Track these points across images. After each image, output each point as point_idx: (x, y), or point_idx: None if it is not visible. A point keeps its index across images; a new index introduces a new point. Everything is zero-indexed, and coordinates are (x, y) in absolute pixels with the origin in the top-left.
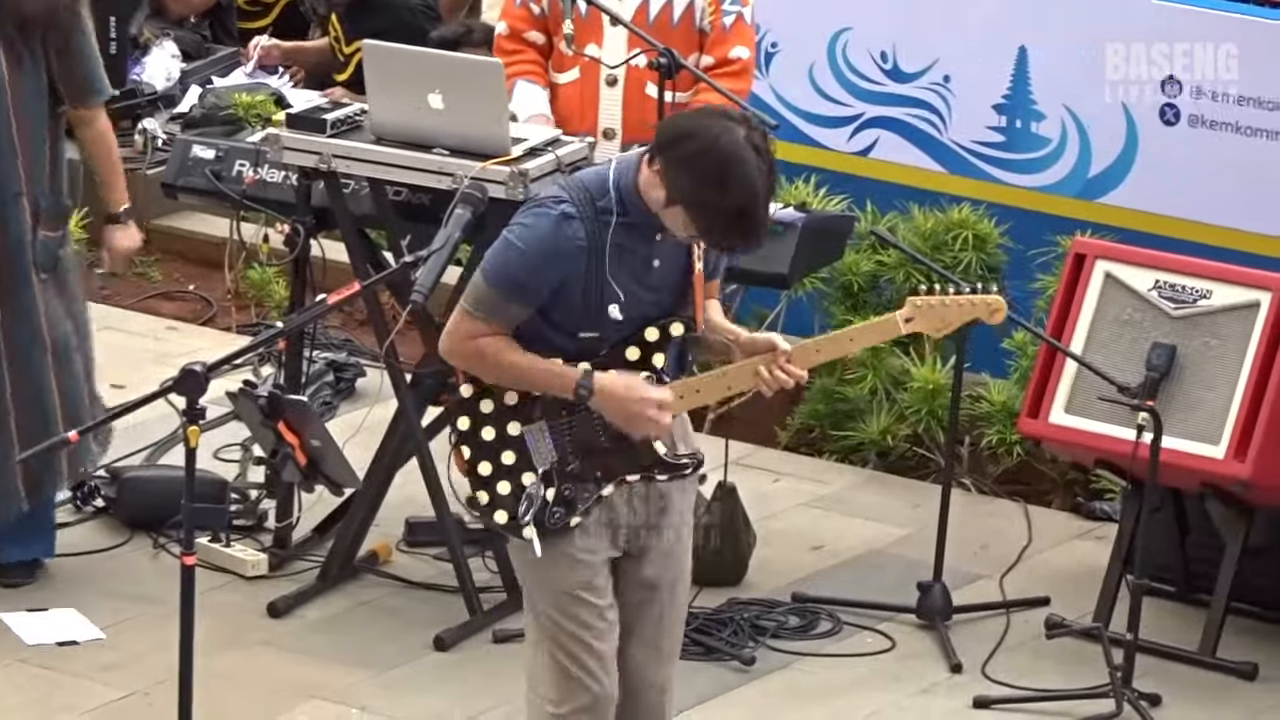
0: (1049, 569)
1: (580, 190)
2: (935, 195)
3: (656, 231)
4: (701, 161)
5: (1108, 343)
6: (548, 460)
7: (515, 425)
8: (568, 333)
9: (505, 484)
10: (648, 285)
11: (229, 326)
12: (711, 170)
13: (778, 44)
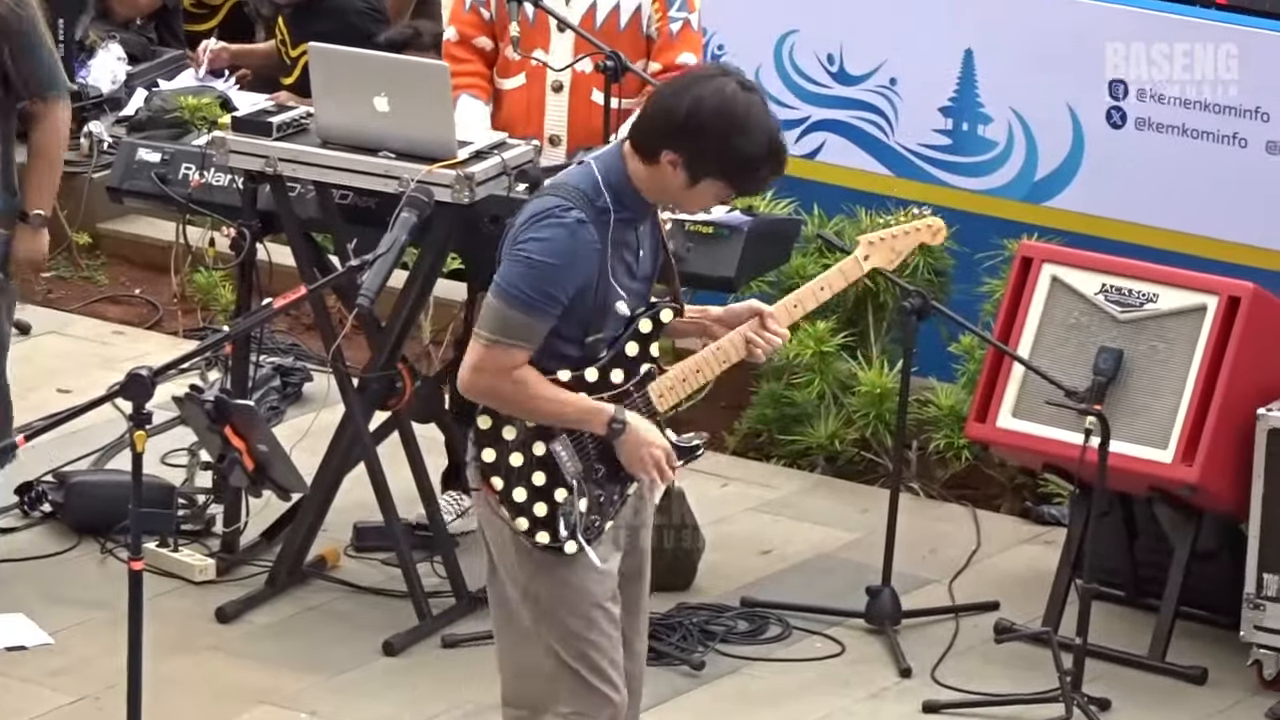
0: (998, 573)
1: (578, 194)
2: (882, 198)
3: (640, 222)
4: (718, 123)
5: (1055, 346)
6: (575, 472)
7: (540, 445)
8: (575, 340)
9: (542, 505)
10: (637, 277)
11: (175, 331)
12: (732, 125)
13: (724, 47)
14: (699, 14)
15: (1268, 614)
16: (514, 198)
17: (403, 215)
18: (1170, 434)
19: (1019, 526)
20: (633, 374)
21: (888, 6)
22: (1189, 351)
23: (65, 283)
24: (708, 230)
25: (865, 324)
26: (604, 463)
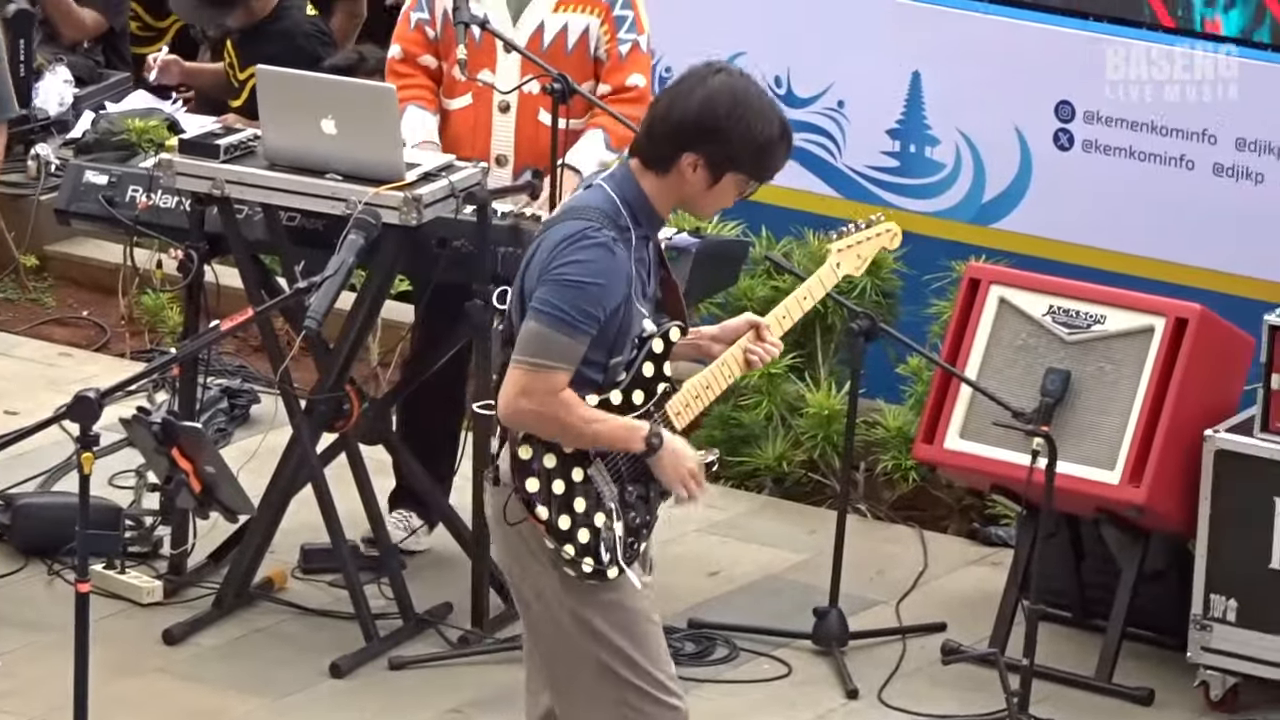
0: (945, 594)
1: (601, 214)
2: (830, 220)
3: (653, 239)
4: (737, 113)
5: (1002, 368)
6: (612, 496)
7: (578, 470)
8: (600, 364)
9: (585, 531)
10: (648, 296)
11: (123, 353)
12: (748, 111)
13: (672, 69)
14: (648, 36)
15: (1215, 635)
16: (461, 220)
17: (350, 237)
18: (1117, 455)
19: (966, 548)
20: (651, 394)
21: (835, 29)
22: (1136, 373)
23: (12, 305)
24: None
25: (813, 346)
26: (636, 484)
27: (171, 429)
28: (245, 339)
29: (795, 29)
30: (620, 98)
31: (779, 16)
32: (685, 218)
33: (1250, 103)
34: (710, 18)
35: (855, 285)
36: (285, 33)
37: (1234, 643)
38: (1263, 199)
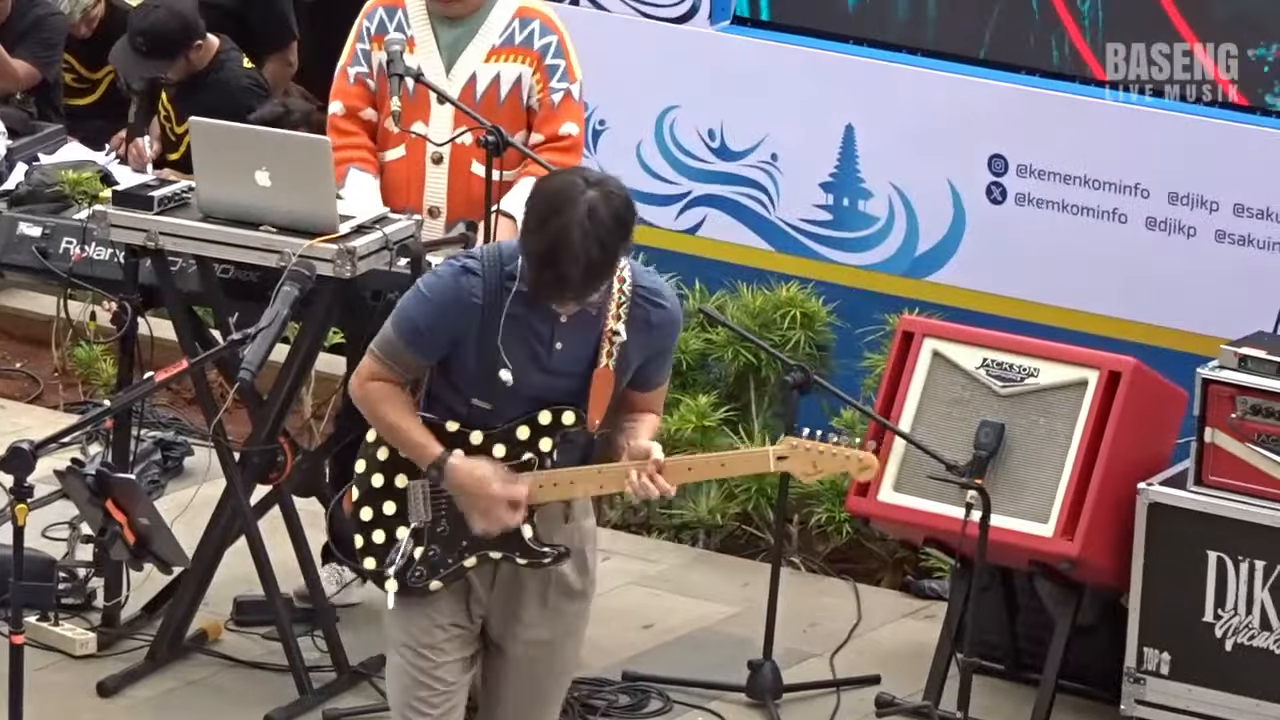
0: (879, 647)
1: (493, 252)
2: (764, 273)
3: (559, 313)
4: (532, 203)
5: (936, 421)
6: (422, 518)
7: (402, 478)
8: (464, 397)
9: (380, 533)
10: (546, 367)
11: (56, 405)
12: (535, 212)
13: (605, 122)
14: (580, 84)
15: (1148, 688)
16: (395, 272)
17: (284, 289)
18: (1051, 508)
19: (900, 600)
20: (513, 455)
21: (768, 82)
22: (1070, 426)
23: None
24: None
25: (747, 398)
26: (451, 524)
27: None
28: (179, 391)
29: (729, 82)
30: (554, 146)
31: (712, 70)
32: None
33: (1183, 156)
34: (644, 71)
35: (788, 339)
36: (221, 84)
37: (1167, 695)
38: (1195, 253)
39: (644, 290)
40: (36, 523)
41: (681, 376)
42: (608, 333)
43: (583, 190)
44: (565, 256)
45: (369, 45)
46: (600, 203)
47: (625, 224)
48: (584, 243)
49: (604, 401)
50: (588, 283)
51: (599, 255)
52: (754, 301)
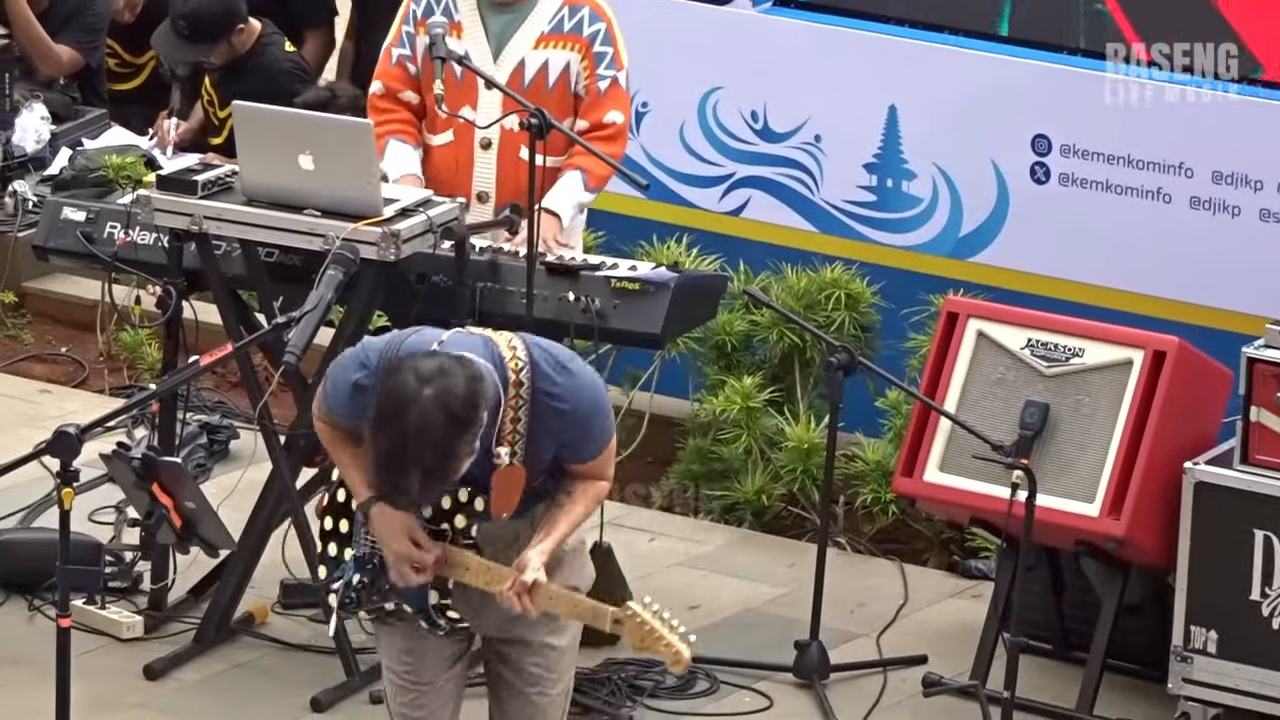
0: (925, 627)
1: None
2: (808, 255)
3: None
4: (376, 403)
5: (981, 401)
6: (362, 548)
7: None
8: None
9: (334, 545)
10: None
11: (102, 389)
12: (376, 414)
13: (648, 104)
14: (627, 72)
15: (1195, 666)
16: (439, 255)
17: (328, 273)
18: (1097, 488)
19: (946, 580)
20: (435, 522)
21: (811, 63)
22: (1115, 406)
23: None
24: (634, 287)
25: (792, 380)
26: (379, 564)
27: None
28: (224, 374)
29: (772, 64)
30: (598, 134)
31: (756, 52)
32: (664, 251)
33: (1226, 136)
34: (688, 54)
35: (833, 320)
36: (264, 69)
37: (1214, 674)
38: (1239, 232)
39: (544, 395)
40: (83, 507)
41: (727, 358)
42: (505, 437)
43: (415, 394)
44: (397, 467)
45: (413, 28)
46: (433, 406)
47: (465, 422)
48: (416, 453)
49: (510, 494)
50: (426, 489)
51: (433, 462)
52: (798, 283)
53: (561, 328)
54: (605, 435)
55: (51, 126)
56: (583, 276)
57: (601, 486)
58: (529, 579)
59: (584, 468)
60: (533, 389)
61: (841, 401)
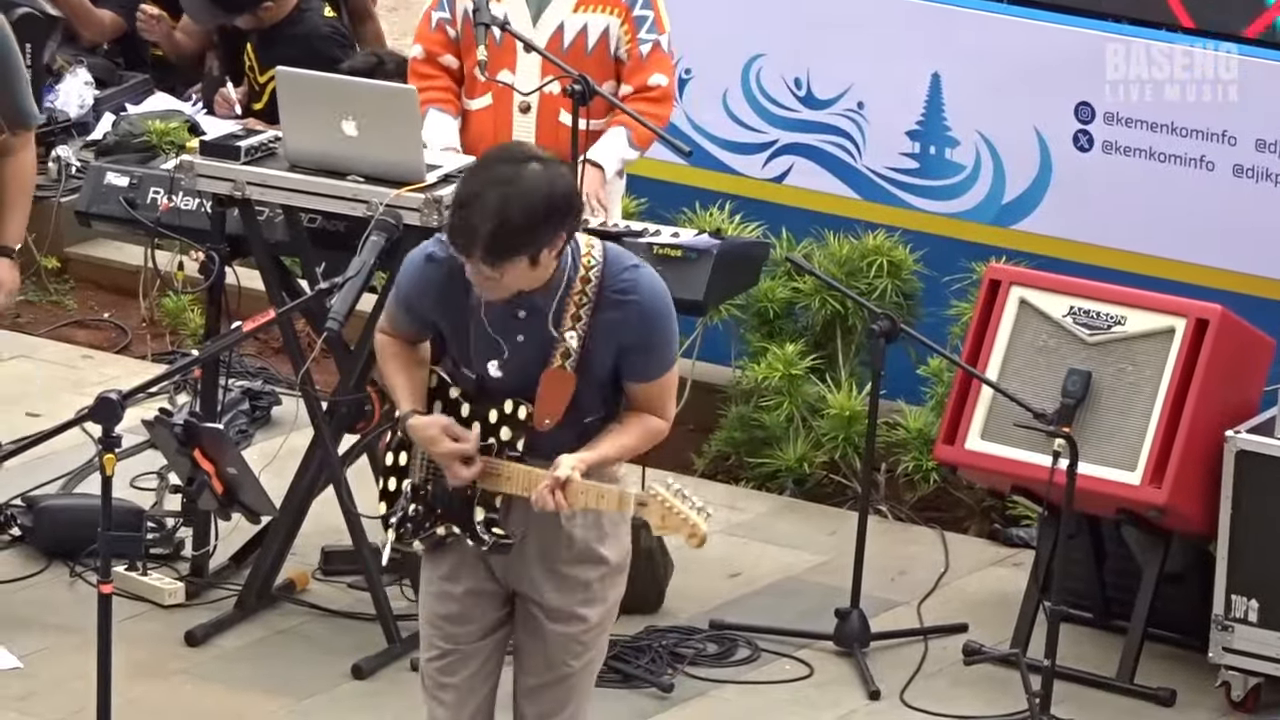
0: (966, 595)
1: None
2: (850, 222)
3: (516, 308)
4: (483, 152)
5: (1023, 369)
6: (417, 476)
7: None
8: (456, 364)
9: (394, 480)
10: (509, 358)
11: (144, 354)
12: (479, 160)
13: (692, 70)
14: (669, 35)
15: (1236, 635)
16: None
17: (371, 239)
18: (1139, 456)
19: (987, 549)
20: (484, 437)
21: (855, 30)
22: (1157, 374)
23: (33, 307)
24: (676, 254)
25: (834, 347)
26: (434, 489)
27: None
28: (266, 341)
29: (815, 30)
30: (643, 97)
31: (799, 18)
32: (707, 218)
33: (1270, 103)
34: (730, 20)
35: (875, 287)
36: (303, 36)
37: (1255, 643)
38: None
39: (613, 289)
40: (124, 473)
41: (769, 325)
42: (562, 334)
43: (528, 160)
44: (479, 208)
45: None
46: (539, 177)
47: (557, 210)
48: (501, 203)
49: (556, 401)
50: (495, 247)
51: (516, 223)
52: (841, 250)
53: None
54: (667, 352)
55: (95, 91)
56: (625, 243)
57: (656, 423)
58: (562, 475)
59: (641, 390)
60: (600, 286)
61: (883, 369)
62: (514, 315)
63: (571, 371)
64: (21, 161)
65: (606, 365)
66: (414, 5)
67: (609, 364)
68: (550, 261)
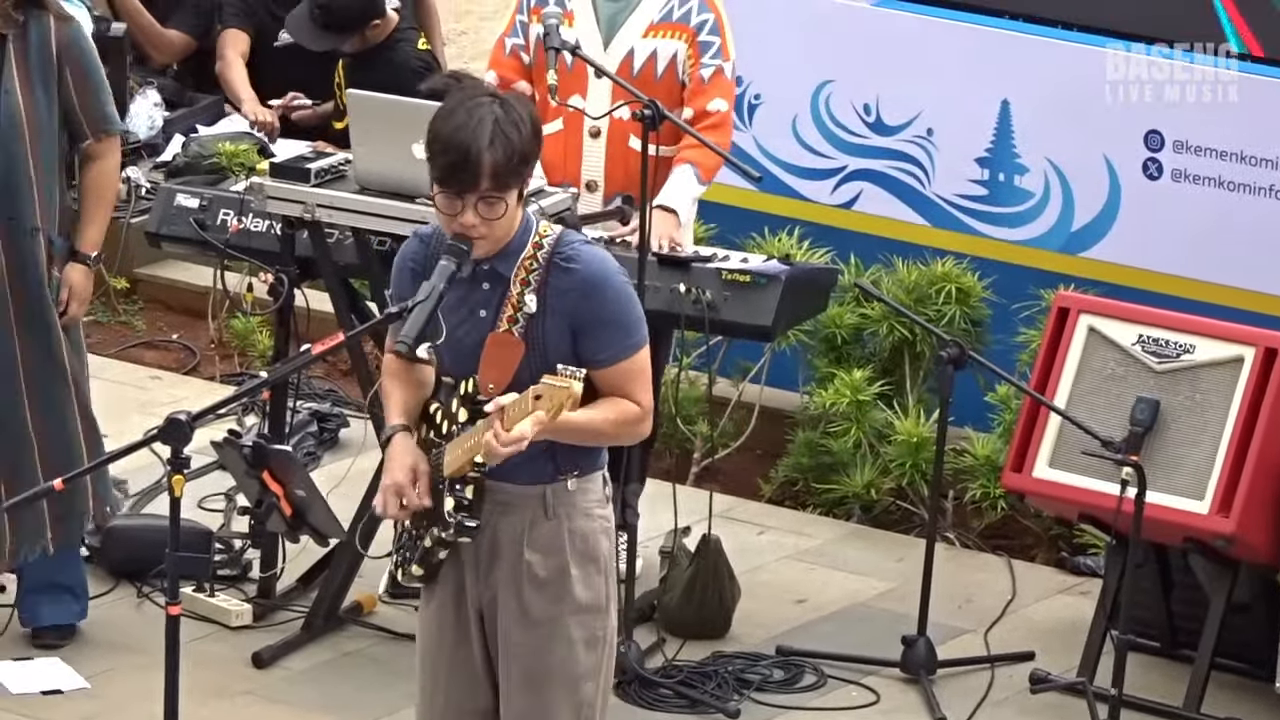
0: (1033, 624)
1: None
2: (919, 248)
3: (481, 280)
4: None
5: (1091, 397)
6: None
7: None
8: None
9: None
10: (476, 338)
11: (213, 376)
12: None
13: (761, 96)
14: (733, 64)
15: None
16: None
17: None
18: (1206, 485)
19: (1054, 577)
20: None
21: (924, 57)
22: (1225, 403)
23: (102, 327)
24: (745, 279)
25: (901, 373)
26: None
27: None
28: (335, 363)
29: (885, 57)
30: (702, 124)
31: (868, 45)
32: (776, 243)
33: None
34: (800, 46)
35: (943, 314)
36: (393, 65)
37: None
38: None
39: (559, 255)
40: (193, 494)
41: (837, 351)
42: (511, 298)
43: (489, 96)
44: (475, 135)
45: (527, 17)
46: (514, 104)
47: (538, 136)
48: (497, 126)
49: (502, 365)
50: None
51: (516, 144)
52: (909, 276)
53: (672, 319)
54: (623, 332)
55: (165, 113)
56: (694, 268)
57: (628, 405)
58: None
59: (603, 377)
60: (550, 253)
61: (951, 396)
62: (479, 287)
63: (519, 337)
64: (103, 168)
65: (562, 346)
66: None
67: (564, 345)
68: (519, 209)
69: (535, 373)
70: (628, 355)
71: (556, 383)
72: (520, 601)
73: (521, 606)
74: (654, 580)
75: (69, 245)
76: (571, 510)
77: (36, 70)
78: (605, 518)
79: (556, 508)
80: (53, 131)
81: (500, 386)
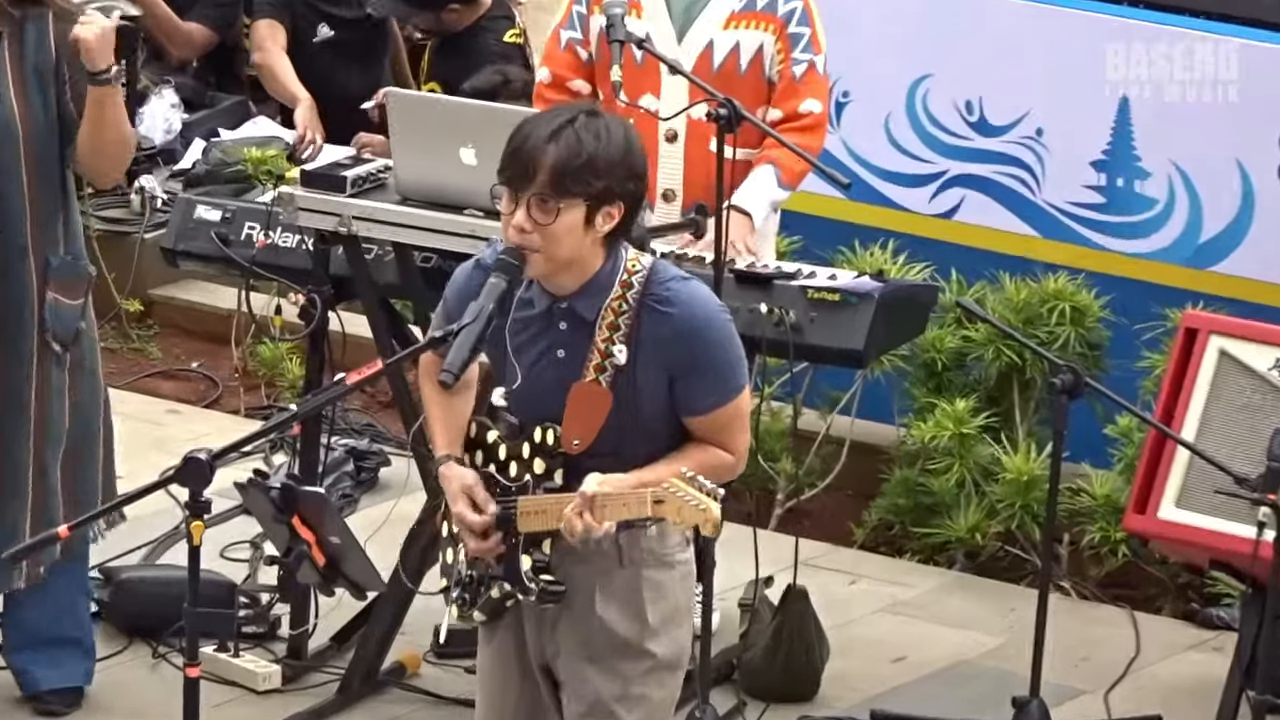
0: (1159, 683)
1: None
2: (1028, 263)
3: (559, 318)
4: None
5: (1224, 429)
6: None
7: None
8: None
9: (450, 551)
10: (548, 375)
11: (237, 409)
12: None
13: (850, 93)
14: (825, 56)
15: None
16: None
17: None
18: None
19: (1183, 630)
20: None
21: (1033, 49)
22: None
23: (114, 355)
24: (834, 298)
25: (1009, 403)
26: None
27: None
28: (374, 394)
29: (989, 49)
30: (793, 126)
31: (970, 36)
32: (868, 258)
33: None
34: (893, 37)
35: (1056, 336)
36: (474, 51)
37: None
38: None
39: (652, 297)
40: (214, 542)
41: (937, 378)
42: (597, 345)
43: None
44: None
45: (585, 8)
46: (619, 123)
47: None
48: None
49: (588, 418)
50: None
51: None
52: (1017, 294)
53: (752, 342)
54: (723, 379)
55: (183, 115)
56: (776, 286)
57: (719, 454)
58: (589, 490)
59: (705, 422)
60: (641, 293)
61: (1066, 428)
62: (555, 326)
63: (606, 387)
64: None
65: (657, 397)
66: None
67: (659, 395)
68: (599, 244)
69: (625, 428)
70: (728, 401)
71: (689, 498)
72: (592, 660)
73: (594, 665)
74: (733, 636)
75: (80, 268)
76: (648, 556)
77: (33, 74)
78: (686, 562)
79: (632, 554)
80: (52, 140)
81: (585, 442)
